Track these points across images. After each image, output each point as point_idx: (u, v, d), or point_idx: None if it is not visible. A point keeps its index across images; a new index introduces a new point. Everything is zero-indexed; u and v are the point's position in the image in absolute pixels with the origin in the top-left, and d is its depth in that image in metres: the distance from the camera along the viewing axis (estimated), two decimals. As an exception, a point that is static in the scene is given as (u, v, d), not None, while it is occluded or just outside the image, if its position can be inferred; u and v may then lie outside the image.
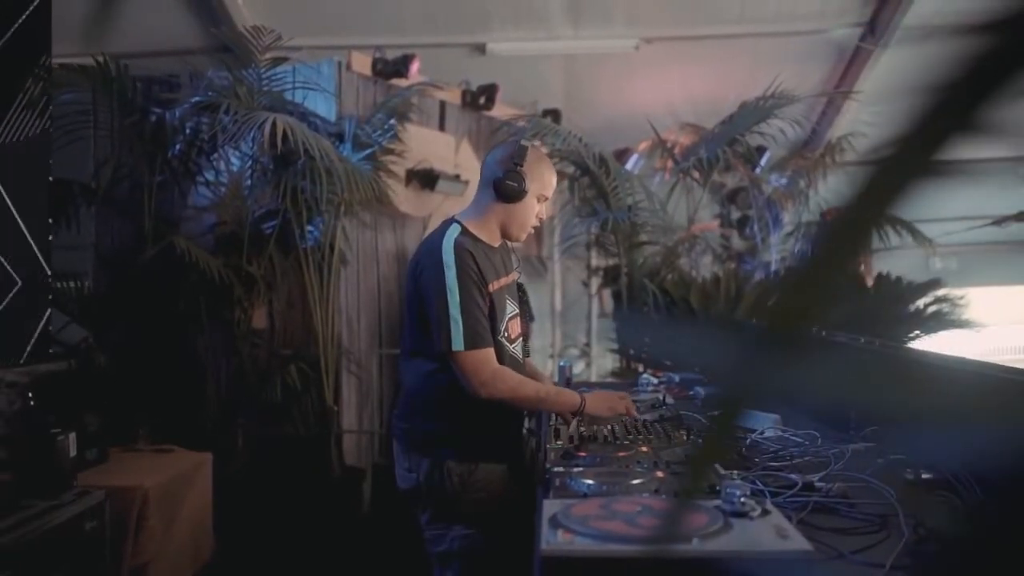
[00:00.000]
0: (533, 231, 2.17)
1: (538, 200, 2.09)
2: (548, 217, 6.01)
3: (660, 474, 1.53)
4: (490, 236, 2.09)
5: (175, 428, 3.53)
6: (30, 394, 3.02)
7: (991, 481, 1.13)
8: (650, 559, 1.10)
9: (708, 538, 1.15)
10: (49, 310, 3.32)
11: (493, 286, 2.01)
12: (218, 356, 4.04)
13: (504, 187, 2.03)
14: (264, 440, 3.99)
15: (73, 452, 2.63)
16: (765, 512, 1.27)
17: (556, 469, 1.60)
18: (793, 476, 1.57)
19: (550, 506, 1.29)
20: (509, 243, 2.21)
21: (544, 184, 2.10)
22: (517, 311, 2.15)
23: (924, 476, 1.52)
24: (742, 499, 1.27)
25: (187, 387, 3.94)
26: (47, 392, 3.13)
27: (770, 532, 1.18)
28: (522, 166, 2.04)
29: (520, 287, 2.26)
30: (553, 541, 1.15)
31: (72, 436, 2.63)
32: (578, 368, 5.76)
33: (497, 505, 1.99)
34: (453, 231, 2.01)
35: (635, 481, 1.48)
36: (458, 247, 1.96)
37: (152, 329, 3.89)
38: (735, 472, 1.55)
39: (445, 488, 1.97)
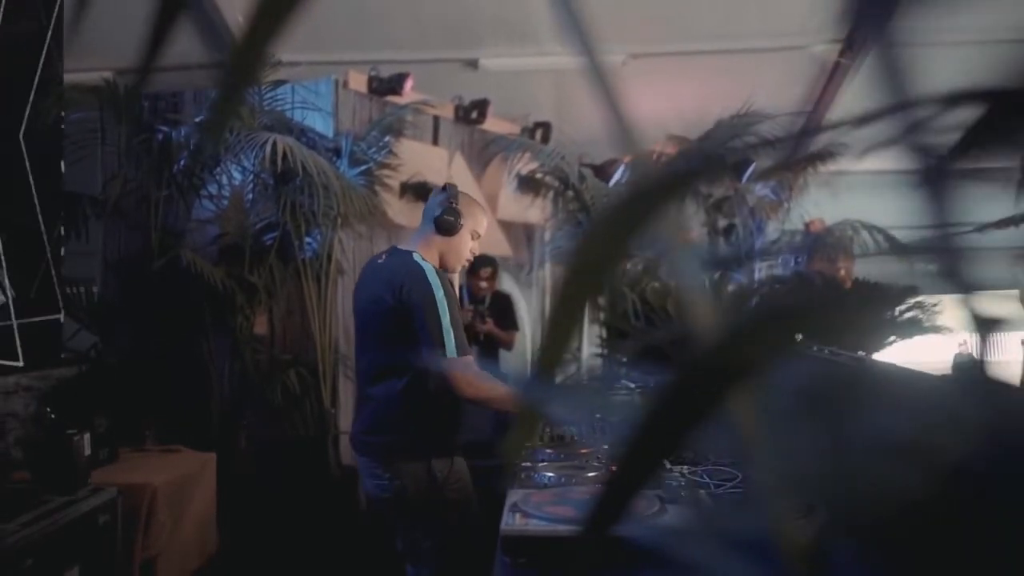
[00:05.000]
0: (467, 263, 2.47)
1: (472, 236, 2.36)
2: (539, 224, 6.12)
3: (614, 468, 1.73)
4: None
5: (181, 429, 3.66)
6: (46, 399, 3.21)
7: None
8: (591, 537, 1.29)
9: (644, 520, 1.35)
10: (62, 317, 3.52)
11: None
12: (221, 361, 4.17)
13: (443, 221, 2.29)
14: (265, 441, 4.12)
15: (87, 451, 2.73)
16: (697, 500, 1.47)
17: (524, 464, 1.81)
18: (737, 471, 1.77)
19: (512, 495, 1.49)
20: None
21: (476, 223, 2.38)
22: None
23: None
24: (679, 489, 1.48)
25: (192, 390, 4.06)
26: (60, 395, 3.31)
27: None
28: (457, 205, 2.30)
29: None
30: (511, 523, 1.35)
31: (87, 436, 2.73)
32: (569, 372, 5.92)
33: (470, 495, 2.22)
34: (418, 257, 2.25)
35: (590, 474, 1.68)
36: (438, 271, 2.22)
37: (159, 335, 4.05)
38: (685, 467, 1.75)
39: (433, 485, 2.17)
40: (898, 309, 5.34)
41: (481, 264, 4.36)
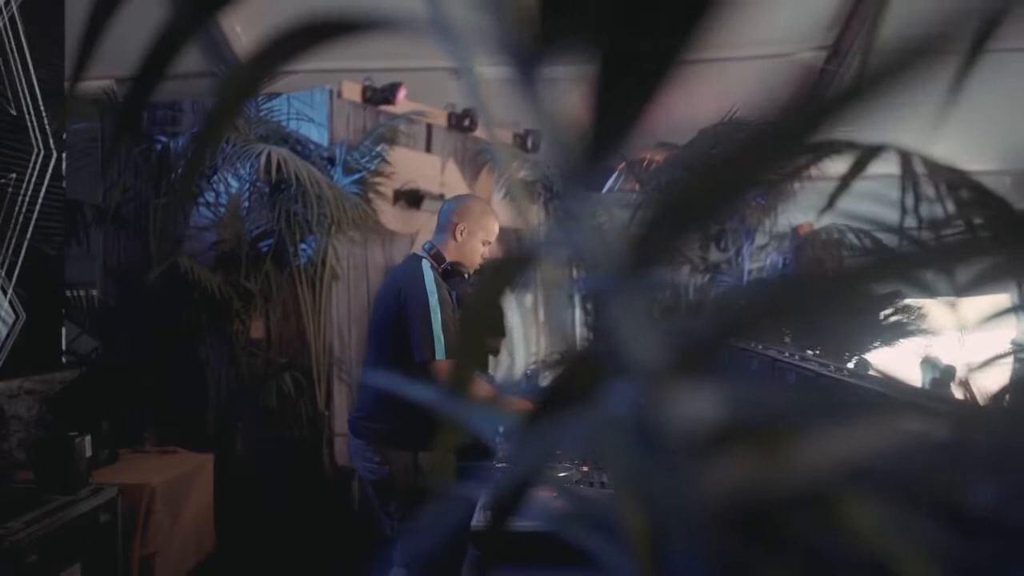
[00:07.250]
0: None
1: (483, 244, 2.50)
2: (533, 229, 6.26)
3: (585, 468, 1.84)
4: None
5: (179, 431, 3.75)
6: (48, 402, 3.30)
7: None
8: (554, 534, 1.40)
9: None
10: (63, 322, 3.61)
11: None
12: (218, 364, 4.25)
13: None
14: (261, 442, 4.19)
15: (88, 453, 2.82)
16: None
17: (501, 465, 1.91)
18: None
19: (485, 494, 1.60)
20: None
21: (488, 232, 2.51)
22: None
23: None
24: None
25: (190, 393, 4.14)
26: (62, 398, 3.41)
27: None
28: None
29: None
30: (482, 520, 1.45)
31: (88, 438, 2.81)
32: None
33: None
34: (426, 265, 2.38)
35: (562, 473, 1.79)
36: (437, 279, 2.37)
37: (158, 339, 4.12)
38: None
39: (418, 475, 2.31)
40: (882, 313, 5.44)
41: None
